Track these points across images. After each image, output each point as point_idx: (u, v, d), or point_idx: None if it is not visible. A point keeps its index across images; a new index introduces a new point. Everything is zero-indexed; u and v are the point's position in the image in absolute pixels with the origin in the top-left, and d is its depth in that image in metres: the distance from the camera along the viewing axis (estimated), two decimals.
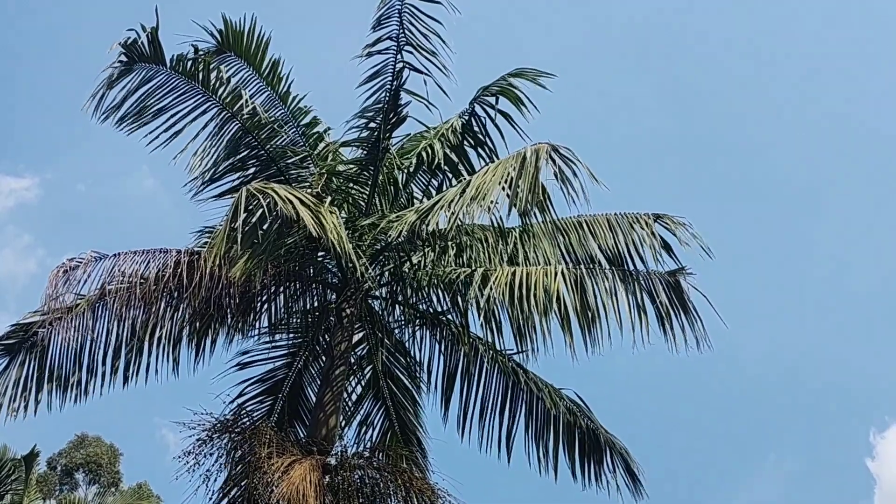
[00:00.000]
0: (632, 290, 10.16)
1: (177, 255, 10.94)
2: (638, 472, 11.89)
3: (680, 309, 10.14)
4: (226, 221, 9.53)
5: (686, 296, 10.18)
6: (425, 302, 12.06)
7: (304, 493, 9.44)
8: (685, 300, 10.17)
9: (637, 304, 10.08)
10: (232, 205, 9.62)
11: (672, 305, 10.15)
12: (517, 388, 12.00)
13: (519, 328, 10.43)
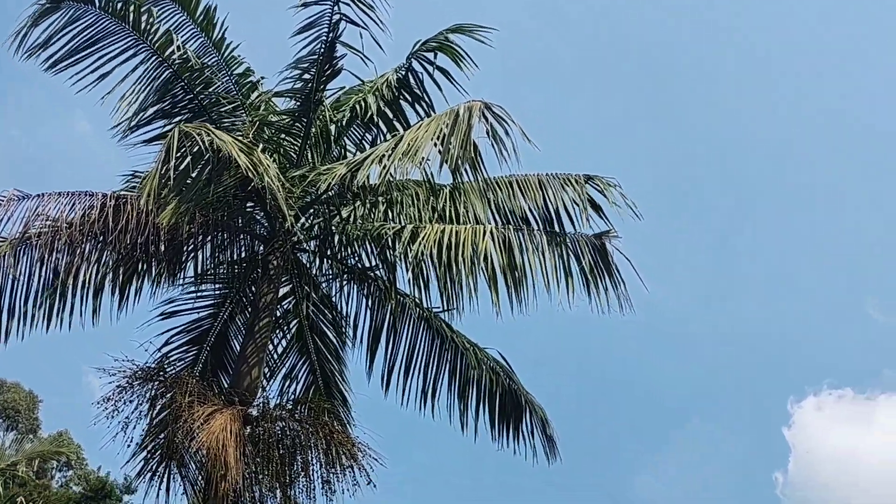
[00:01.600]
0: (559, 251, 10.24)
1: (103, 199, 10.71)
2: (555, 434, 12.09)
3: (604, 271, 10.26)
4: (157, 162, 9.36)
5: (611, 258, 10.30)
6: (354, 257, 12.02)
7: (224, 443, 9.40)
8: (609, 262, 10.29)
9: (563, 265, 10.17)
10: (164, 144, 9.46)
11: (597, 267, 10.26)
12: (442, 345, 12.08)
13: (446, 286, 10.44)
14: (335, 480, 10.32)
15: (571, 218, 10.73)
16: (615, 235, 10.34)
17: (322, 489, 10.31)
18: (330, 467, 10.33)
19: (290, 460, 10.29)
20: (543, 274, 10.01)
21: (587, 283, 10.24)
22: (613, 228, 10.35)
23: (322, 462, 10.33)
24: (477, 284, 9.98)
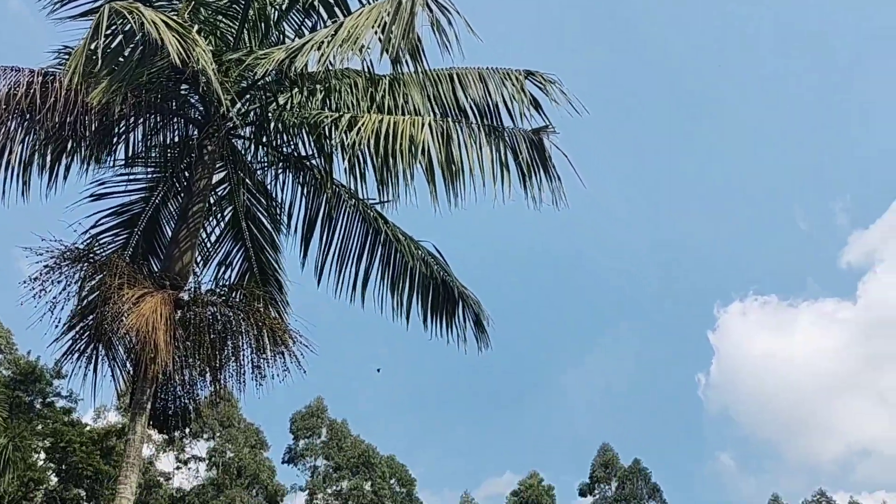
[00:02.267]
0: (496, 146, 10.23)
1: (30, 75, 10.37)
2: (487, 324, 12.26)
3: (541, 166, 10.29)
4: (85, 40, 9.07)
5: (548, 154, 10.31)
6: (290, 145, 11.88)
7: (154, 325, 9.39)
8: (546, 158, 10.31)
9: (500, 159, 10.16)
10: (93, 23, 9.14)
11: (534, 163, 10.28)
12: (377, 236, 12.09)
13: (382, 177, 10.40)
14: (265, 366, 10.40)
15: (511, 113, 10.69)
16: (553, 131, 10.34)
17: (252, 374, 10.40)
18: (260, 353, 10.39)
19: (221, 345, 10.33)
20: (480, 168, 10.01)
21: (523, 179, 10.26)
22: (551, 125, 10.33)
23: (253, 347, 10.39)
24: (413, 176, 9.96)
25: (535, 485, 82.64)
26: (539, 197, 10.29)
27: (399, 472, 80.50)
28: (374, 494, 74.02)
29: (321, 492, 75.29)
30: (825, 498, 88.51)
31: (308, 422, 77.54)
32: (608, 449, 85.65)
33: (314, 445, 77.09)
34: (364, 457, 75.57)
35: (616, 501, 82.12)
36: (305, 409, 78.08)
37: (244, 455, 68.41)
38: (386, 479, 76.56)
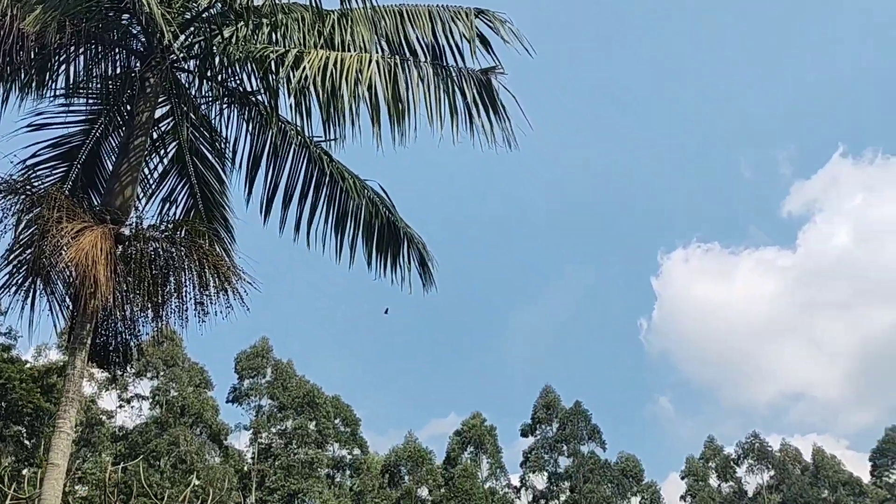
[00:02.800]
0: (444, 85, 10.13)
1: None
2: (432, 265, 12.25)
3: (489, 107, 10.21)
4: None
5: (496, 94, 10.24)
6: (235, 79, 11.65)
7: (93, 260, 9.23)
8: (495, 99, 10.23)
9: (448, 99, 10.07)
10: None
11: (482, 103, 10.20)
12: (322, 175, 11.97)
13: (329, 114, 10.27)
14: (208, 303, 10.30)
15: (460, 52, 10.59)
16: (501, 72, 10.26)
17: (195, 311, 10.29)
18: (203, 289, 10.28)
19: (163, 281, 10.19)
20: (427, 107, 9.93)
21: (471, 119, 10.19)
22: (501, 65, 10.25)
23: (196, 284, 10.27)
24: (359, 114, 9.85)
25: (478, 425, 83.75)
26: (487, 138, 10.23)
27: (344, 412, 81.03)
28: (318, 434, 74.52)
29: (265, 431, 75.57)
30: (758, 440, 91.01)
31: (253, 362, 77.56)
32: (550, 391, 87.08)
33: (259, 385, 77.21)
34: (309, 397, 75.91)
35: (556, 442, 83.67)
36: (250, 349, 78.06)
37: (188, 394, 68.33)
38: (330, 419, 77.07)
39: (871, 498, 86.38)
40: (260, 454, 74.76)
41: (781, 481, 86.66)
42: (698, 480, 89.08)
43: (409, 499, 77.21)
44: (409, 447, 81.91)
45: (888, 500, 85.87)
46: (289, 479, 70.08)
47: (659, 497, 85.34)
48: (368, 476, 79.68)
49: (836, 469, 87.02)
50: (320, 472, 73.44)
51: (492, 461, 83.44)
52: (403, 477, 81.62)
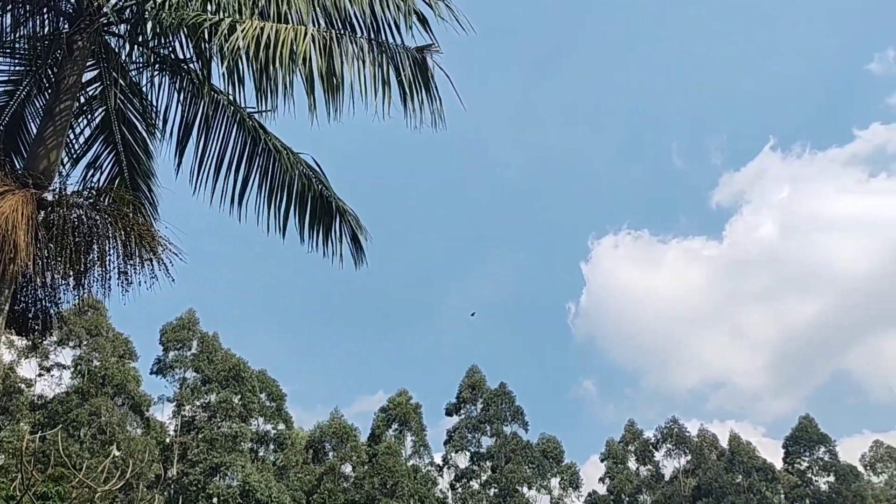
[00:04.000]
0: (379, 61, 10.08)
1: None
2: (364, 240, 12.21)
3: (423, 85, 10.19)
4: None
5: (430, 73, 10.21)
6: (167, 46, 11.44)
7: (13, 224, 9.01)
8: (429, 77, 10.20)
9: (382, 75, 10.02)
10: None
11: (416, 81, 10.17)
12: (255, 146, 11.84)
13: (262, 86, 10.14)
14: (132, 272, 10.13)
15: (398, 29, 10.51)
16: (437, 51, 10.23)
17: (118, 280, 10.12)
18: (127, 259, 10.11)
19: (86, 249, 9.99)
20: (362, 83, 9.86)
21: (404, 97, 10.15)
22: (437, 44, 10.21)
23: (120, 253, 10.09)
24: (294, 87, 9.75)
25: (404, 402, 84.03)
26: (420, 116, 10.21)
27: (270, 387, 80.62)
28: (242, 408, 73.99)
29: (189, 403, 74.81)
30: (677, 425, 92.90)
31: (179, 334, 76.68)
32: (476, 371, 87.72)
33: (184, 357, 76.38)
34: (235, 371, 75.33)
35: (480, 422, 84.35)
36: (177, 321, 77.15)
37: (111, 364, 67.29)
38: (256, 393, 76.58)
39: (782, 484, 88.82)
40: (183, 427, 74.04)
41: (698, 466, 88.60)
42: (617, 463, 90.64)
43: (332, 475, 77.25)
44: (334, 423, 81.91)
45: (799, 486, 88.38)
46: (211, 452, 69.53)
47: (578, 478, 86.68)
48: (292, 451, 79.55)
49: (750, 455, 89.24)
50: (244, 446, 73.00)
51: (416, 439, 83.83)
52: (328, 453, 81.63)
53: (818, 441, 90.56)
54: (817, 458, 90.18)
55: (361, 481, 75.82)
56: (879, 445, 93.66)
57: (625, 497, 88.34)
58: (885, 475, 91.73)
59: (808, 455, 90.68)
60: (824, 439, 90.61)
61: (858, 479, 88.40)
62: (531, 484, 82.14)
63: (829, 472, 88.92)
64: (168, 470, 70.99)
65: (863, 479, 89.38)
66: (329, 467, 78.67)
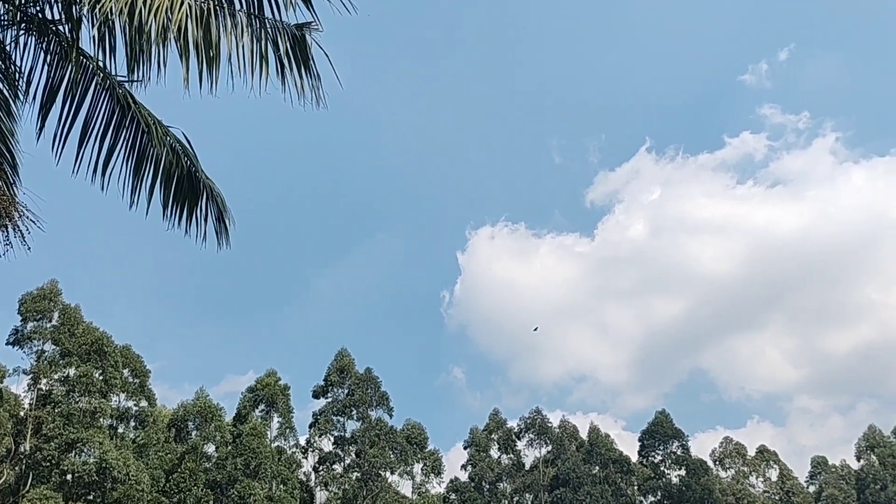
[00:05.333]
0: (257, 35, 9.88)
1: None
2: (229, 221, 11.98)
3: (301, 63, 10.03)
4: None
5: (309, 51, 10.07)
6: (35, 5, 10.96)
7: None
8: (308, 55, 10.05)
9: (260, 50, 9.83)
10: None
11: (294, 58, 10.01)
12: (123, 117, 11.46)
13: (134, 54, 9.82)
14: None
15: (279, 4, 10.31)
16: (317, 28, 10.08)
17: None
18: None
19: None
20: (240, 57, 9.65)
21: (282, 73, 9.98)
22: (318, 21, 10.07)
23: None
24: (167, 57, 9.49)
25: (273, 384, 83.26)
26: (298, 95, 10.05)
27: (134, 362, 78.68)
28: (103, 383, 71.94)
29: (46, 377, 72.31)
30: (540, 416, 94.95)
31: (39, 304, 73.99)
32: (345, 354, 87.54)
33: (43, 329, 73.74)
34: (97, 344, 73.21)
35: (346, 406, 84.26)
36: (37, 291, 74.40)
37: None
38: (118, 369, 74.60)
39: (636, 476, 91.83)
40: (38, 400, 71.56)
41: (557, 456, 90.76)
42: (480, 451, 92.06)
43: (194, 454, 75.93)
44: (198, 402, 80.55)
45: (651, 479, 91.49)
46: (68, 427, 67.39)
47: (440, 465, 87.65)
48: (154, 429, 77.87)
49: (608, 447, 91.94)
50: (102, 422, 71.04)
51: (283, 421, 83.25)
52: (191, 432, 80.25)
53: (672, 436, 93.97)
54: (670, 451, 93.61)
55: (224, 461, 74.77)
56: (729, 441, 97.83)
57: (485, 484, 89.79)
58: (733, 470, 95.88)
59: (662, 449, 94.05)
60: (678, 434, 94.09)
61: (708, 473, 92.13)
62: (394, 469, 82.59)
63: (680, 465, 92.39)
64: (21, 444, 68.58)
65: (712, 473, 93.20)
66: (191, 446, 77.31)
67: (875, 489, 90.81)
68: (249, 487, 71.50)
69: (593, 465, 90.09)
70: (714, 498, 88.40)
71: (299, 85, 9.92)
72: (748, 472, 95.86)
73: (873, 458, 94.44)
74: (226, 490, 72.53)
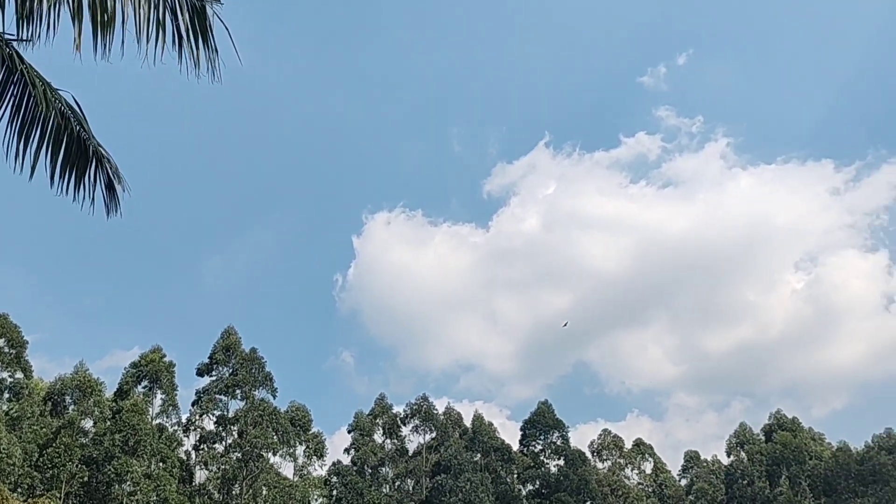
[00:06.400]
0: (155, 3, 9.70)
1: None
2: (121, 190, 11.72)
3: (200, 35, 9.87)
4: None
5: (209, 23, 9.90)
6: None
7: None
8: (207, 28, 9.89)
9: (158, 17, 9.64)
10: None
11: (193, 29, 9.84)
12: (10, 75, 11.07)
13: (23, 11, 9.54)
14: None
15: None
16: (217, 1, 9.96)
17: None
18: None
19: None
20: (136, 23, 9.46)
21: (180, 43, 9.80)
22: None
23: None
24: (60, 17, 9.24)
25: (157, 360, 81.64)
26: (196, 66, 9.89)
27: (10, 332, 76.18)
28: None
29: None
30: (427, 402, 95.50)
31: None
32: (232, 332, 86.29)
33: None
34: None
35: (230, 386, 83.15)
36: None
37: None
38: None
39: (517, 464, 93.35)
40: None
41: (441, 443, 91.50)
42: (364, 435, 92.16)
43: (70, 429, 73.95)
44: (77, 376, 78.43)
45: (531, 468, 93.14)
46: None
47: (323, 447, 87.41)
48: (29, 402, 75.47)
49: (490, 436, 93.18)
50: None
51: (166, 398, 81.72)
52: (68, 406, 78.10)
53: (553, 426, 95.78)
54: (550, 442, 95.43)
55: (102, 437, 72.98)
56: (607, 434, 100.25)
57: (368, 469, 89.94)
58: (610, 462, 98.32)
59: (543, 439, 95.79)
60: (559, 425, 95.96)
61: (585, 464, 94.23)
62: (276, 450, 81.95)
63: (559, 455, 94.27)
64: None
65: (589, 464, 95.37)
66: (68, 421, 75.25)
67: (742, 484, 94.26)
68: (127, 464, 70.03)
69: (475, 452, 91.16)
70: (590, 488, 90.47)
71: (196, 56, 9.76)
72: (624, 464, 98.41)
73: (742, 455, 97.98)
74: (102, 466, 70.84)
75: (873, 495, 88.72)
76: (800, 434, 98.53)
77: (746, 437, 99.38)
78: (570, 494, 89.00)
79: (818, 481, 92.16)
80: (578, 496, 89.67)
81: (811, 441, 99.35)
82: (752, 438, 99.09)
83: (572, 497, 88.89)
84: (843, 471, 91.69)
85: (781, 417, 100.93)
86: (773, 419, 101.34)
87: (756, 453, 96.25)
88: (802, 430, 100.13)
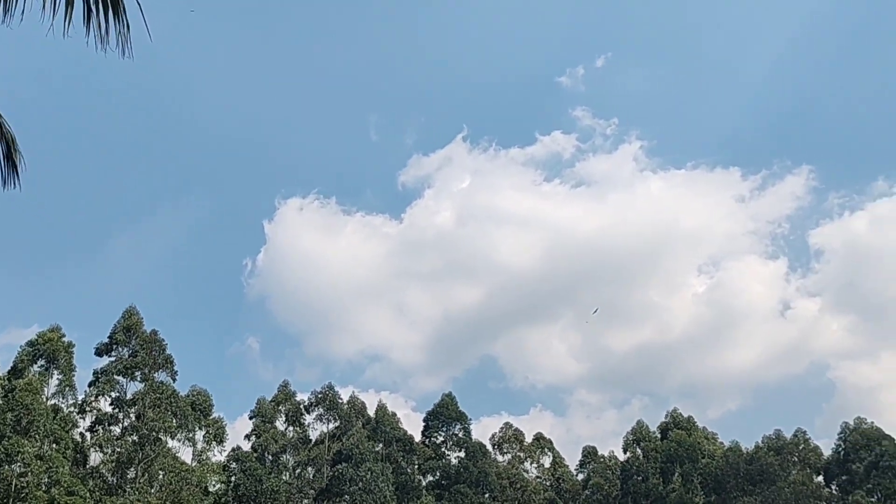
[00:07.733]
0: None
1: None
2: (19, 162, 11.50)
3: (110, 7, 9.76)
4: None
5: None
6: None
7: None
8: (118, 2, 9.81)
9: None
10: None
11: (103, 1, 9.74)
12: None
13: None
14: None
15: None
16: None
17: None
18: None
19: None
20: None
21: (87, 14, 9.69)
22: None
23: None
24: None
25: (55, 339, 79.68)
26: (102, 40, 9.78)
27: None
28: None
29: None
30: (332, 391, 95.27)
31: None
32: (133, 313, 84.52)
33: None
34: None
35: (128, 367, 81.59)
36: None
37: None
38: None
39: (418, 455, 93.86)
40: None
41: (344, 432, 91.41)
42: (266, 422, 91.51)
43: None
44: None
45: (432, 459, 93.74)
46: None
47: (223, 433, 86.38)
48: None
49: (393, 426, 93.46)
50: None
51: (63, 378, 79.78)
52: None
53: (456, 418, 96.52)
54: (452, 433, 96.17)
55: None
56: (508, 427, 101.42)
57: (268, 456, 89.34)
58: (510, 455, 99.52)
59: (445, 431, 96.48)
60: (461, 417, 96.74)
61: (486, 456, 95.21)
62: (174, 434, 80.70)
63: (461, 447, 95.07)
64: None
65: (490, 457, 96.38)
66: None
67: (637, 480, 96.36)
68: (18, 445, 68.23)
69: (377, 442, 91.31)
70: (489, 481, 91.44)
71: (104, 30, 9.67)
72: (524, 457, 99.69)
73: (638, 452, 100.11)
74: None
75: (760, 494, 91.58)
76: (694, 433, 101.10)
77: (643, 434, 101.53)
78: (469, 486, 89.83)
79: (709, 479, 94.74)
80: (477, 488, 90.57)
81: (704, 440, 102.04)
82: (649, 436, 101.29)
83: (471, 489, 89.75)
84: (733, 470, 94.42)
85: (677, 416, 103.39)
86: (669, 418, 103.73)
87: (651, 450, 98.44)
88: (697, 430, 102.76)
